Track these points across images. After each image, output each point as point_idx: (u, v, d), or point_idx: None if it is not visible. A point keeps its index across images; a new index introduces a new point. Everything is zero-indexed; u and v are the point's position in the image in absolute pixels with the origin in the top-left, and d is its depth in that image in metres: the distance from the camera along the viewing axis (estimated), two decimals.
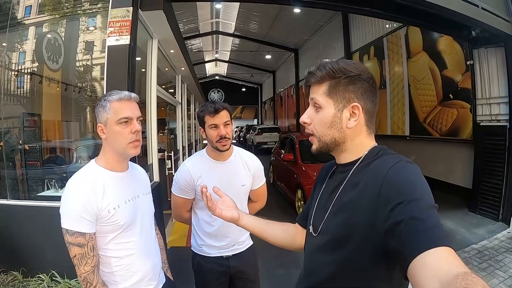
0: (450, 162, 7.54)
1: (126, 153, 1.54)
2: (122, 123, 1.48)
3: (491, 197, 5.86)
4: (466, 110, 6.87)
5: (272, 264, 4.08)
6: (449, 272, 0.65)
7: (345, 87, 1.02)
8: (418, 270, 0.70)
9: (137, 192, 1.65)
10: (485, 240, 4.92)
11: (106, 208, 1.45)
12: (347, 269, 0.97)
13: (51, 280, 3.21)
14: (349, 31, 12.49)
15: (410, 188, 0.84)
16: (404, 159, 0.95)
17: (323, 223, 1.07)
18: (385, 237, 0.82)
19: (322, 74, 1.04)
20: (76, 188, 1.44)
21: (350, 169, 1.04)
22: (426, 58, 8.13)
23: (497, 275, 3.83)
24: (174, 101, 7.88)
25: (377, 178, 0.91)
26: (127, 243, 1.54)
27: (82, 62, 4.18)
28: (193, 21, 15.88)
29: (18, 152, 4.05)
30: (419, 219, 0.76)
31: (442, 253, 0.70)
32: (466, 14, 4.85)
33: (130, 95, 1.53)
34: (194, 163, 2.16)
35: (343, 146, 1.06)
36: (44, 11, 4.12)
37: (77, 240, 1.39)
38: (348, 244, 0.95)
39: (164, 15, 4.22)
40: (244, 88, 35.30)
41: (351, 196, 0.98)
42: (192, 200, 2.18)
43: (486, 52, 5.96)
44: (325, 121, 1.05)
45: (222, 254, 2.18)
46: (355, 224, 0.93)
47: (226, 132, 2.03)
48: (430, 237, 0.73)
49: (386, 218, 0.82)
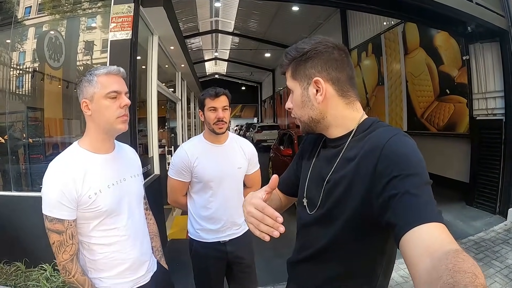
0: (447, 157, 7.60)
1: (114, 128, 1.45)
2: (111, 97, 1.41)
3: (487, 191, 5.91)
4: (462, 105, 6.94)
5: (270, 254, 4.14)
6: (440, 248, 0.66)
7: (304, 65, 1.03)
8: (410, 244, 0.71)
9: (124, 174, 1.56)
10: (482, 232, 4.98)
11: (87, 194, 1.38)
12: (343, 239, 0.99)
13: (53, 270, 3.22)
14: (347, 28, 12.54)
15: (407, 162, 0.84)
16: (401, 132, 0.94)
17: (320, 198, 1.06)
18: (380, 209, 0.83)
19: (286, 61, 1.08)
20: (55, 173, 1.37)
21: (343, 143, 1.03)
22: (423, 54, 8.18)
23: (493, 265, 3.90)
24: (174, 97, 7.95)
25: (373, 151, 0.90)
26: (112, 229, 1.47)
27: (83, 60, 4.23)
28: (192, 20, 15.92)
29: (22, 146, 4.11)
30: (413, 194, 0.77)
31: (434, 229, 0.71)
32: (461, 10, 4.90)
33: (119, 69, 1.47)
34: (191, 145, 2.22)
35: (325, 121, 1.05)
36: (44, 10, 4.17)
37: (56, 227, 1.34)
38: (345, 216, 0.96)
39: (165, 12, 4.30)
40: (244, 87, 35.34)
41: (347, 170, 0.98)
42: (188, 183, 2.23)
43: (482, 47, 6.01)
44: (298, 103, 1.07)
45: (219, 239, 2.22)
46: (352, 197, 0.94)
47: (224, 115, 2.12)
48: (423, 212, 0.74)
49: (382, 191, 0.83)
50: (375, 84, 10.64)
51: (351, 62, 1.06)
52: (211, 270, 2.25)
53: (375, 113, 10.51)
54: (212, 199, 2.20)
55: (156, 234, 1.88)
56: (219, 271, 2.29)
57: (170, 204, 2.43)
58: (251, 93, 35.61)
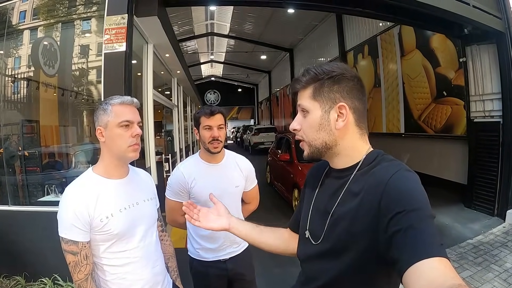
0: (445, 159, 7.61)
1: (125, 156, 1.52)
2: (123, 126, 1.48)
3: (486, 192, 5.92)
4: (459, 107, 6.94)
5: (268, 263, 4.12)
6: (443, 284, 0.65)
7: (330, 87, 1.00)
8: (413, 279, 0.71)
9: (137, 199, 1.61)
10: (481, 235, 4.98)
11: (99, 217, 1.44)
12: (348, 275, 0.98)
13: (54, 284, 3.22)
14: (343, 30, 12.55)
15: (410, 198, 0.84)
16: (404, 167, 0.94)
17: (324, 231, 1.05)
18: (385, 245, 0.83)
19: (306, 78, 1.04)
20: (69, 197, 1.45)
21: (348, 175, 1.02)
22: (419, 56, 8.19)
23: (492, 270, 3.88)
24: (170, 104, 7.93)
25: (377, 187, 0.90)
26: (123, 252, 1.53)
27: (78, 66, 4.20)
28: (188, 23, 15.89)
29: (18, 159, 4.08)
30: (416, 229, 0.77)
31: (437, 264, 0.71)
32: (458, 13, 4.91)
33: (132, 100, 1.54)
34: (187, 166, 2.20)
35: (335, 149, 1.04)
36: (39, 17, 4.14)
37: (71, 248, 1.40)
38: (350, 251, 0.95)
39: (159, 21, 4.27)
40: (240, 89, 35.31)
41: (352, 205, 0.97)
42: None
43: (479, 49, 6.03)
44: (313, 125, 1.03)
45: (219, 258, 2.20)
46: (356, 233, 0.93)
47: (219, 134, 2.09)
48: (427, 247, 0.75)
49: (386, 227, 0.83)
50: (372, 86, 10.64)
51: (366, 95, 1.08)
52: (213, 287, 2.24)
53: (372, 115, 10.52)
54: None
55: (172, 255, 1.93)
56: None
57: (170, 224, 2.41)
58: (247, 95, 35.60)
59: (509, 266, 3.93)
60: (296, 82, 1.07)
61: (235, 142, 28.19)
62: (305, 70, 1.06)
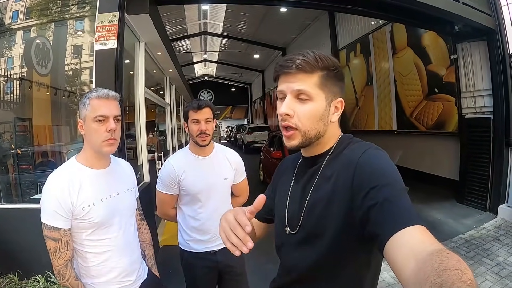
0: (437, 155, 7.67)
1: (101, 150, 1.54)
2: (98, 120, 1.50)
3: (478, 188, 5.99)
4: (451, 104, 7.00)
5: (261, 259, 4.14)
6: (423, 250, 0.66)
7: (335, 81, 1.01)
8: (394, 250, 0.72)
9: (117, 189, 1.66)
10: (473, 230, 5.04)
11: (81, 206, 1.48)
12: (327, 258, 0.98)
13: (47, 281, 3.21)
14: (336, 29, 12.59)
15: (381, 174, 0.86)
16: (373, 146, 0.98)
17: (301, 220, 1.05)
18: (361, 222, 0.84)
19: (312, 63, 0.96)
20: (53, 185, 1.48)
21: (321, 162, 1.05)
22: (411, 53, 8.24)
23: (484, 263, 3.93)
24: (163, 103, 7.90)
25: (348, 168, 0.93)
26: (103, 240, 1.57)
27: (71, 66, 4.18)
28: (180, 22, 15.83)
29: (11, 157, 4.07)
30: (391, 202, 0.79)
31: (415, 232, 0.72)
32: (448, 10, 4.94)
33: (108, 93, 1.54)
34: (177, 159, 2.24)
35: (321, 139, 1.04)
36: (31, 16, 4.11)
37: (52, 234, 1.44)
38: (327, 235, 0.96)
39: (150, 19, 4.26)
40: (234, 88, 35.28)
41: (325, 189, 0.98)
42: (176, 196, 2.25)
43: (470, 46, 6.10)
44: (316, 114, 0.99)
45: (209, 249, 2.23)
46: (332, 215, 0.94)
47: (207, 128, 2.13)
48: (403, 217, 0.75)
49: (361, 204, 0.84)
50: (364, 84, 10.69)
51: None
52: (203, 279, 2.27)
53: (364, 113, 10.58)
54: (201, 210, 2.22)
55: (149, 243, 1.99)
56: (210, 280, 2.31)
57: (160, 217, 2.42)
58: (241, 94, 35.57)
59: (501, 259, 3.98)
60: (298, 63, 0.97)
61: (228, 141, 28.22)
62: (308, 53, 0.98)
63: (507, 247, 4.31)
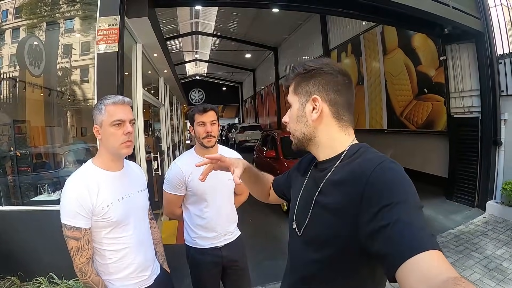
0: (427, 153, 7.86)
1: (119, 153, 1.64)
2: (116, 125, 1.59)
3: (466, 185, 6.18)
4: (440, 103, 7.19)
5: (259, 256, 4.27)
6: (438, 277, 0.65)
7: (307, 82, 1.05)
8: (407, 275, 0.70)
9: (131, 189, 1.75)
10: (462, 225, 5.22)
11: (100, 206, 1.56)
12: (330, 268, 1.00)
13: (49, 283, 3.21)
14: (327, 29, 12.74)
15: (395, 190, 0.83)
16: (388, 159, 0.93)
17: (306, 223, 1.07)
18: (368, 238, 0.82)
19: (291, 75, 1.11)
20: (73, 187, 1.55)
21: (330, 167, 1.03)
22: (401, 54, 8.41)
23: (473, 257, 4.10)
24: (158, 103, 7.93)
25: (359, 179, 0.89)
26: (121, 237, 1.65)
27: (64, 66, 4.19)
28: (172, 22, 15.80)
29: (9, 159, 4.06)
30: (406, 223, 0.76)
31: (430, 258, 0.70)
32: (438, 14, 5.10)
33: (124, 99, 1.65)
34: (184, 161, 2.32)
35: (315, 140, 1.07)
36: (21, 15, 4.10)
37: (74, 234, 1.52)
38: (331, 244, 0.97)
39: (149, 22, 4.30)
40: (225, 87, 35.23)
41: (333, 197, 0.98)
42: (183, 196, 2.34)
43: (458, 48, 6.28)
44: (293, 117, 1.10)
45: (215, 245, 2.33)
46: (337, 226, 0.94)
47: (212, 129, 2.24)
48: (418, 240, 0.73)
49: (370, 220, 0.81)
50: (355, 83, 10.76)
51: (353, 89, 1.10)
52: (208, 274, 2.35)
53: (355, 113, 10.66)
54: (206, 209, 2.31)
55: (160, 240, 2.09)
56: (215, 275, 2.39)
57: (167, 216, 2.51)
58: (232, 93, 35.50)
59: (489, 253, 4.15)
60: (285, 79, 1.15)
61: (220, 140, 28.22)
62: (292, 67, 1.13)
63: (495, 241, 4.49)
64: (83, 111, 4.49)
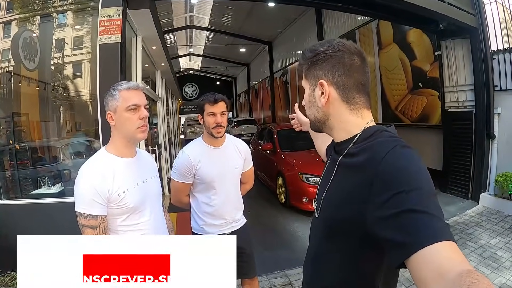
0: (421, 147, 7.87)
1: (135, 137, 1.64)
2: (131, 109, 1.59)
3: (460, 178, 6.32)
4: (434, 98, 7.27)
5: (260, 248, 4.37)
6: (452, 269, 0.64)
7: (315, 66, 1.04)
8: (421, 265, 0.68)
9: (145, 176, 1.75)
10: (456, 216, 5.36)
11: (116, 192, 1.56)
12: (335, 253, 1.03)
13: None
14: (322, 23, 12.74)
15: (408, 177, 0.80)
16: (401, 143, 0.90)
17: (321, 204, 1.09)
18: (377, 224, 0.80)
19: (301, 61, 1.10)
20: (88, 174, 1.55)
21: (344, 149, 1.02)
22: (396, 49, 8.46)
23: (468, 246, 4.23)
24: (155, 97, 7.95)
25: (371, 163, 0.88)
26: (137, 224, 1.65)
27: (59, 60, 4.18)
28: (167, 16, 15.70)
29: (8, 153, 4.06)
30: (418, 211, 0.74)
31: (445, 249, 0.68)
32: (434, 10, 5.18)
33: (138, 84, 1.66)
34: (193, 149, 2.36)
35: (329, 123, 1.06)
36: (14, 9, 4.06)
37: (90, 223, 1.51)
38: (338, 228, 0.99)
39: (150, 14, 4.33)
40: (219, 82, 35.06)
41: (343, 181, 0.99)
42: (190, 184, 2.38)
43: (453, 43, 6.38)
44: (306, 101, 1.11)
45: (223, 232, 2.38)
46: (345, 210, 0.94)
47: (222, 120, 2.27)
48: (432, 230, 0.71)
49: (381, 206, 0.79)
50: None
51: (366, 68, 1.05)
52: None
53: None
54: (214, 197, 2.36)
55: (172, 229, 2.09)
56: None
57: (174, 204, 2.57)
58: (226, 87, 35.29)
59: (484, 242, 4.29)
60: (298, 65, 1.14)
61: None
62: (302, 53, 1.11)
63: (489, 232, 4.63)
64: (78, 106, 4.51)
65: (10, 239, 3.39)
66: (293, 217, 5.83)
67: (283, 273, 3.76)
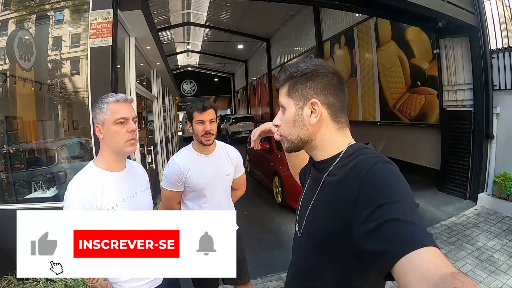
0: (419, 145, 7.93)
1: (123, 150, 1.61)
2: (119, 123, 1.57)
3: (458, 177, 6.28)
4: (433, 96, 7.23)
5: (257, 249, 4.33)
6: (436, 273, 0.65)
7: (303, 84, 1.02)
8: (405, 272, 0.70)
9: (135, 189, 1.73)
10: (454, 217, 5.31)
11: (105, 207, 1.53)
12: (323, 266, 1.01)
13: (47, 281, 3.19)
14: (320, 20, 12.66)
15: (390, 190, 0.83)
16: (383, 159, 0.93)
17: (304, 224, 1.09)
18: (362, 239, 0.82)
19: (283, 77, 1.07)
20: (76, 189, 1.53)
21: (327, 168, 1.03)
22: (394, 47, 8.42)
23: (465, 248, 4.19)
24: (151, 96, 7.88)
25: (354, 180, 0.89)
26: None
27: (55, 59, 4.13)
28: (164, 13, 15.57)
29: (2, 157, 4.00)
30: (401, 220, 0.76)
31: (427, 254, 0.70)
32: (433, 8, 5.12)
33: (126, 97, 1.62)
34: (182, 158, 2.33)
35: (312, 143, 1.06)
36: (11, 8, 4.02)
37: None
38: (325, 245, 0.98)
39: (142, 15, 4.25)
40: (217, 78, 35.00)
41: (328, 198, 0.99)
42: (181, 192, 2.36)
43: (452, 41, 6.32)
44: (289, 121, 1.06)
45: None
46: (331, 226, 0.94)
47: (211, 128, 2.24)
48: (414, 238, 0.73)
49: (366, 220, 0.81)
50: (348, 75, 10.84)
51: (346, 91, 1.09)
52: None
53: (348, 104, 10.51)
54: (205, 205, 2.34)
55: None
56: None
57: None
58: (224, 84, 35.29)
59: (481, 244, 4.24)
60: (276, 81, 1.12)
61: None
62: (282, 69, 1.10)
63: (486, 233, 4.58)
64: (75, 104, 4.45)
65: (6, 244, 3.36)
66: (289, 217, 5.78)
67: (278, 276, 3.72)
